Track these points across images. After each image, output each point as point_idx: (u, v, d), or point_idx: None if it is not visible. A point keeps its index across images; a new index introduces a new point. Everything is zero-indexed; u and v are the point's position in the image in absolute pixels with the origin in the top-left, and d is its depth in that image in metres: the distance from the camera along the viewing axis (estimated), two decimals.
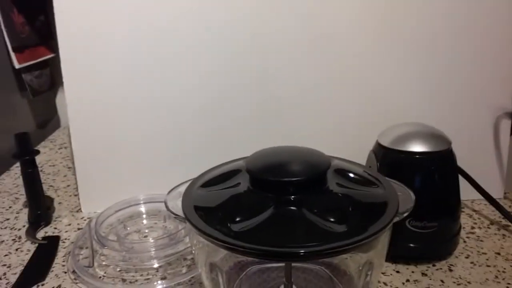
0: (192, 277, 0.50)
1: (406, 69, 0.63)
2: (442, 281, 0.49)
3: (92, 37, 0.61)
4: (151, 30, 0.61)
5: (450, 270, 0.51)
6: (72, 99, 0.63)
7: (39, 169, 0.64)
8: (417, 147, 0.51)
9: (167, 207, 0.41)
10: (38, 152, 0.63)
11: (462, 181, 0.54)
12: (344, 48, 0.62)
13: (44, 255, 0.56)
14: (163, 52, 0.62)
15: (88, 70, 0.62)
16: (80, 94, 0.63)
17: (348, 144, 0.61)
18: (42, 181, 0.65)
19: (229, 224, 0.36)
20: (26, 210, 0.66)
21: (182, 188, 0.43)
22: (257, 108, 0.64)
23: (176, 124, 0.64)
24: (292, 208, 0.37)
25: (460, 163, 0.53)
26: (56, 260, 0.55)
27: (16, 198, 0.72)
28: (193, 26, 0.61)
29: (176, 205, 0.41)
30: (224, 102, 0.63)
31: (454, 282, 0.49)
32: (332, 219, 0.36)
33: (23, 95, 0.92)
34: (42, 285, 0.51)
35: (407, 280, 0.49)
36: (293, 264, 0.46)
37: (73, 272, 0.52)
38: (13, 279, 0.52)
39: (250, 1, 0.60)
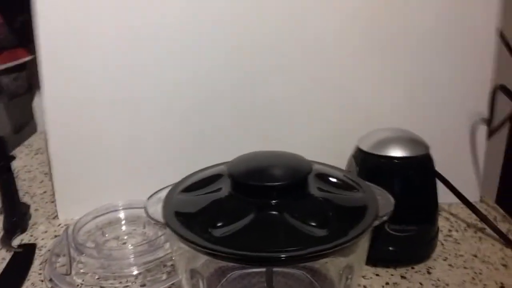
0: (172, 284, 0.50)
1: (386, 76, 0.63)
2: (421, 283, 0.50)
3: (73, 37, 0.60)
4: (136, 31, 0.60)
5: (429, 273, 0.51)
6: (50, 101, 0.62)
7: (15, 175, 0.62)
8: (396, 152, 0.51)
9: (147, 213, 0.40)
10: (14, 158, 0.61)
11: (439, 185, 0.55)
12: (325, 55, 0.62)
13: (20, 264, 0.55)
14: (147, 55, 0.61)
15: (67, 71, 0.61)
16: (58, 96, 0.61)
17: (328, 149, 0.61)
18: (18, 187, 0.63)
19: (210, 230, 0.36)
20: (1, 217, 0.64)
21: (162, 194, 0.42)
22: (239, 113, 0.64)
23: (156, 129, 0.64)
24: (273, 212, 0.37)
25: (438, 167, 0.54)
26: (32, 268, 0.54)
27: None
28: (180, 28, 0.60)
29: (156, 211, 0.40)
30: (205, 107, 0.63)
31: (433, 285, 0.49)
32: (313, 224, 0.37)
33: None
34: None
35: (387, 283, 0.50)
36: (274, 269, 0.46)
37: (50, 280, 0.51)
38: None
39: (236, 7, 0.60)
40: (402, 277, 0.51)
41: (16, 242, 0.60)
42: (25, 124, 1.03)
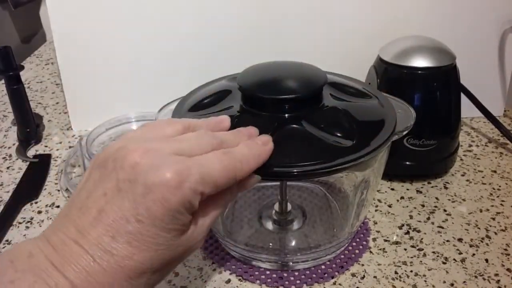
0: None
1: None
2: (436, 198, 0.49)
3: None
4: None
5: (446, 188, 0.51)
6: (55, 9, 0.58)
7: (26, 85, 0.61)
8: (420, 62, 0.48)
9: None
10: (22, 67, 0.60)
11: (462, 98, 0.52)
12: None
13: (36, 173, 0.56)
14: None
15: None
16: (63, 3, 0.58)
17: (348, 60, 0.58)
18: (30, 98, 0.62)
19: None
20: (15, 128, 0.64)
21: (173, 106, 0.41)
22: (252, 24, 0.60)
23: (168, 39, 0.60)
24: (287, 127, 0.36)
25: (461, 78, 0.51)
26: (48, 178, 0.55)
27: (4, 116, 0.70)
28: None
29: None
30: (219, 17, 0.59)
31: (449, 199, 0.49)
32: (328, 138, 0.35)
33: (4, 7, 0.87)
34: (36, 202, 0.51)
35: (402, 197, 0.49)
36: (288, 183, 0.46)
37: (66, 190, 0.52)
38: (6, 197, 0.51)
39: None
40: (418, 191, 0.50)
41: (31, 152, 0.60)
42: (33, 34, 1.00)
